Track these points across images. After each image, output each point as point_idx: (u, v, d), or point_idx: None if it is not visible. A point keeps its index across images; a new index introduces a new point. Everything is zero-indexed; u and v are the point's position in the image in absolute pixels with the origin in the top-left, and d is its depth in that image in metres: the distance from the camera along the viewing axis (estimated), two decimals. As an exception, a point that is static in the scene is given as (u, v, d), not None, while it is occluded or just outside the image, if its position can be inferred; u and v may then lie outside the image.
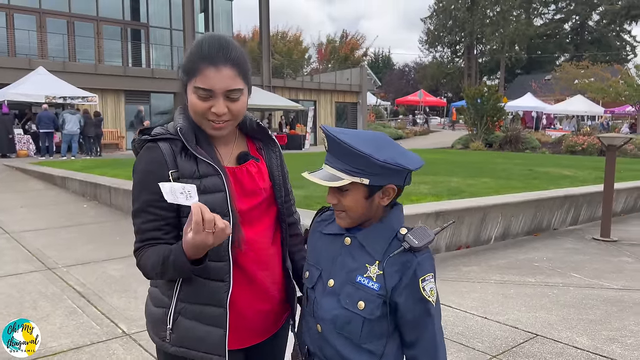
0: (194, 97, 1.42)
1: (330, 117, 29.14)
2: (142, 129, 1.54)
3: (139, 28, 26.37)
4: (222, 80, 1.40)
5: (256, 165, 1.58)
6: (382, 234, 1.39)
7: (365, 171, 1.31)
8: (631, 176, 10.11)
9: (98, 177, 10.00)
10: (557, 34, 59.06)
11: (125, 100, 21.55)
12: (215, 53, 1.40)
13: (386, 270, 1.35)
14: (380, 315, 1.36)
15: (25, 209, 8.37)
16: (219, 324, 1.44)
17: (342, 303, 1.39)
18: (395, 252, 1.34)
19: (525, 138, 22.05)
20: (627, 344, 3.47)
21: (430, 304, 1.36)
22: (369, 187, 1.33)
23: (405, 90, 52.85)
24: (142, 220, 1.44)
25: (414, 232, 1.36)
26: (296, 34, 52.77)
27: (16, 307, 4.09)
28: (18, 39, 21.91)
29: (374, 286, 1.35)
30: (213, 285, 1.44)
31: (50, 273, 5.00)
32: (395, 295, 1.35)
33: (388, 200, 1.38)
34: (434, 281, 1.37)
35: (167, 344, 1.48)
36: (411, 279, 1.33)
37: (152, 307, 1.54)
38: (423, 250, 1.35)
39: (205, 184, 1.42)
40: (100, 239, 6.45)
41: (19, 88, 17.16)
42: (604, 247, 6.32)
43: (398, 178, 1.35)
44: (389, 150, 1.33)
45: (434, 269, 1.39)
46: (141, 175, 1.45)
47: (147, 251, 1.44)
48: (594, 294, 4.50)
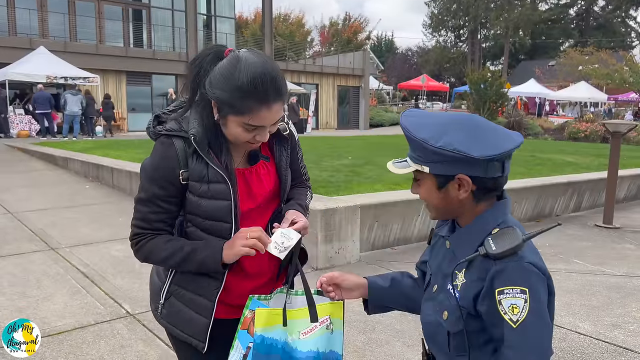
0: (240, 130, 1.41)
1: (332, 100, 28.99)
2: (157, 115, 1.56)
3: (141, 8, 26.09)
4: (273, 117, 1.41)
5: (266, 166, 1.59)
6: (471, 236, 1.22)
7: (423, 158, 1.19)
8: (634, 163, 10.08)
9: (100, 157, 9.99)
10: (562, 19, 58.53)
11: (127, 82, 21.43)
12: (270, 93, 1.36)
13: (467, 278, 1.20)
14: (467, 329, 1.20)
15: (28, 189, 8.37)
16: (205, 315, 1.52)
17: (434, 310, 1.30)
18: (468, 258, 1.19)
19: (528, 124, 21.98)
20: (630, 329, 3.48)
21: (508, 325, 1.10)
22: (437, 177, 1.20)
23: (408, 75, 52.52)
24: (149, 210, 1.48)
25: (498, 235, 1.16)
26: (298, 16, 52.36)
27: (21, 287, 4.11)
28: (19, 17, 21.69)
29: (457, 295, 1.21)
30: (206, 281, 1.52)
31: (53, 253, 5.01)
32: (478, 305, 1.18)
33: (466, 193, 1.19)
34: (522, 297, 1.10)
35: (158, 314, 1.61)
36: (487, 290, 1.15)
37: (155, 277, 1.65)
38: (506, 258, 1.13)
39: (213, 189, 1.45)
40: (103, 219, 6.45)
41: (19, 67, 17.04)
42: (606, 233, 6.33)
43: (468, 167, 1.15)
44: (454, 134, 1.16)
45: (530, 282, 1.11)
46: (153, 169, 1.47)
47: (154, 239, 1.49)
48: (597, 281, 4.51)
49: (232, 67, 1.36)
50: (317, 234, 4.65)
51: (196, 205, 1.47)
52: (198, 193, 1.46)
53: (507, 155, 1.17)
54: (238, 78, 1.34)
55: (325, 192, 6.01)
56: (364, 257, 5.08)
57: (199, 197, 1.46)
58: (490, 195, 1.23)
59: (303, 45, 46.91)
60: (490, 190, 1.22)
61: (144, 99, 21.43)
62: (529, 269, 1.12)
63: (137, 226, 1.51)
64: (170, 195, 1.47)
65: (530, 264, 1.13)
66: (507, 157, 1.19)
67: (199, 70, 1.42)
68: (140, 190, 1.50)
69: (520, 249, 1.13)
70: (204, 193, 1.45)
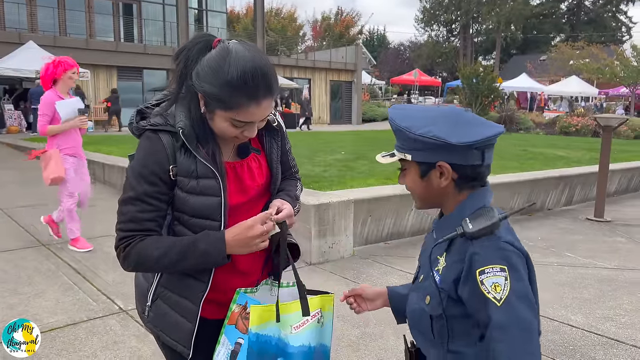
0: (227, 125, 1.36)
1: (324, 95, 28.94)
2: (139, 110, 1.49)
3: (131, 2, 25.85)
4: (262, 113, 1.36)
5: (257, 159, 1.55)
6: (452, 222, 1.23)
7: (406, 146, 1.24)
8: (625, 157, 10.16)
9: (92, 153, 9.89)
10: (553, 13, 58.68)
11: (118, 77, 21.26)
12: (260, 89, 1.31)
13: (447, 261, 1.22)
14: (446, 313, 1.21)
15: (17, 185, 8.29)
16: (190, 319, 1.46)
17: (419, 297, 1.31)
18: (446, 237, 1.20)
19: (520, 119, 22.07)
20: (621, 322, 3.51)
21: (492, 303, 1.10)
22: (419, 165, 1.24)
23: (400, 70, 52.52)
24: (139, 209, 1.39)
25: (476, 215, 1.18)
26: (290, 10, 52.14)
27: (12, 284, 4.07)
28: (7, 12, 21.44)
29: (437, 279, 1.22)
30: (192, 283, 1.46)
31: (44, 249, 4.97)
32: (459, 289, 1.18)
33: (446, 181, 1.22)
34: (503, 275, 1.10)
35: (145, 317, 1.56)
36: (467, 271, 1.15)
37: (142, 278, 1.59)
38: (483, 236, 1.14)
39: (202, 185, 1.39)
40: (95, 215, 6.40)
41: (8, 62, 16.85)
42: (597, 227, 6.37)
43: (448, 154, 1.18)
44: (437, 123, 1.20)
45: (509, 260, 1.12)
46: (141, 165, 1.40)
47: (144, 239, 1.40)
48: (589, 274, 4.54)
49: (221, 59, 1.30)
50: (310, 229, 4.64)
51: (184, 202, 1.41)
52: (186, 189, 1.40)
53: (485, 144, 1.18)
54: (227, 72, 1.28)
55: (319, 187, 6.00)
56: (358, 251, 5.09)
57: (187, 193, 1.40)
58: (471, 185, 1.24)
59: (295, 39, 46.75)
60: (471, 179, 1.23)
61: (135, 94, 21.26)
62: (506, 248, 1.14)
63: (123, 229, 1.41)
64: (160, 192, 1.40)
65: (507, 242, 1.14)
66: (487, 147, 1.20)
67: (186, 61, 1.35)
68: (127, 189, 1.42)
69: (496, 228, 1.14)
70: (193, 189, 1.39)
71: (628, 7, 56.82)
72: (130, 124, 1.47)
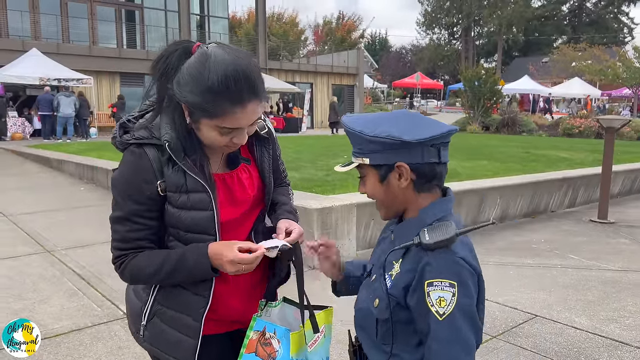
0: (215, 133, 1.30)
1: (327, 99, 28.94)
2: (122, 123, 1.42)
3: (134, 9, 25.99)
4: (249, 117, 1.30)
5: (247, 169, 1.49)
6: (410, 229, 1.23)
7: (364, 150, 1.23)
8: (628, 158, 10.13)
9: (95, 159, 9.95)
10: (554, 15, 58.68)
11: (121, 83, 21.35)
12: (244, 92, 1.25)
13: (401, 268, 1.22)
14: (393, 318, 1.22)
15: (22, 191, 8.33)
16: (192, 336, 1.42)
17: (367, 297, 1.32)
18: (402, 245, 1.20)
19: (522, 121, 22.04)
20: (626, 324, 3.50)
21: (433, 316, 1.12)
22: (378, 169, 1.23)
23: (402, 73, 52.57)
24: (128, 229, 1.37)
25: (434, 227, 1.17)
26: (292, 15, 52.30)
27: (17, 290, 4.09)
28: (11, 19, 21.56)
29: (389, 284, 1.23)
30: (191, 299, 1.41)
31: (49, 255, 4.99)
32: (408, 297, 1.19)
33: (406, 181, 1.21)
34: (451, 291, 1.11)
35: (140, 337, 1.49)
36: (418, 281, 1.16)
37: (133, 296, 1.53)
38: (439, 249, 1.14)
39: (193, 199, 1.34)
40: (99, 221, 6.42)
41: (12, 70, 16.97)
42: (601, 229, 6.36)
43: (405, 154, 1.18)
44: (390, 124, 1.20)
45: (459, 277, 1.13)
46: (126, 183, 1.36)
47: (136, 256, 1.38)
48: (592, 275, 4.53)
49: (200, 65, 1.24)
50: (313, 233, 4.65)
51: (176, 218, 1.36)
52: (177, 204, 1.34)
53: (440, 141, 1.20)
54: (208, 78, 1.23)
55: (322, 191, 6.01)
56: (361, 255, 5.09)
57: (178, 208, 1.35)
58: (430, 186, 1.24)
59: (297, 44, 46.88)
60: (429, 179, 1.23)
61: (138, 100, 21.20)
62: (459, 264, 1.14)
63: (116, 248, 1.40)
64: (149, 209, 1.35)
65: (462, 259, 1.15)
66: (443, 144, 1.21)
67: (165, 69, 1.30)
68: (114, 208, 1.37)
69: (452, 243, 1.14)
70: (183, 204, 1.34)
71: (630, 8, 56.92)
72: (114, 137, 1.41)
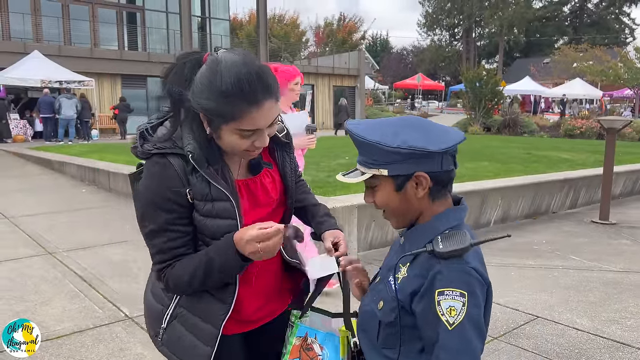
0: (236, 138, 1.30)
1: (328, 101, 28.98)
2: (141, 133, 1.40)
3: (135, 11, 26.05)
4: (267, 117, 1.30)
5: (270, 174, 1.51)
6: (423, 234, 1.23)
7: (380, 161, 1.19)
8: (629, 159, 10.12)
9: (97, 161, 9.97)
10: (556, 16, 58.62)
11: (122, 85, 21.38)
12: (258, 92, 1.26)
13: (409, 272, 1.21)
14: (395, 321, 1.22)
15: (24, 193, 8.35)
16: (209, 343, 1.41)
17: (372, 299, 1.31)
18: (414, 252, 1.19)
19: (524, 122, 22.04)
20: (627, 325, 3.50)
21: (444, 325, 1.11)
22: (394, 178, 1.20)
23: (404, 74, 52.56)
24: (165, 239, 1.36)
25: (448, 236, 1.17)
26: (293, 17, 52.32)
27: (19, 291, 4.10)
28: (12, 22, 21.62)
29: (396, 287, 1.22)
30: (213, 305, 1.42)
31: (50, 257, 5.00)
32: (414, 303, 1.18)
33: (424, 190, 1.20)
34: (461, 300, 1.11)
35: (159, 340, 1.49)
36: (427, 288, 1.15)
37: (153, 300, 1.53)
38: (452, 258, 1.14)
39: (217, 208, 1.35)
40: (100, 223, 6.44)
41: (14, 72, 17.00)
42: (602, 229, 6.35)
43: (425, 163, 1.17)
44: (407, 133, 1.17)
45: (470, 287, 1.13)
46: (154, 194, 1.34)
47: (174, 267, 1.37)
48: (594, 276, 4.52)
49: (212, 72, 1.25)
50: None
51: (202, 225, 1.37)
52: (202, 212, 1.35)
53: (456, 148, 1.20)
54: (221, 83, 1.24)
55: (323, 193, 6.02)
56: (362, 256, 5.09)
57: (204, 216, 1.36)
58: (443, 193, 1.24)
59: (298, 46, 46.92)
60: (443, 186, 1.23)
61: (139, 102, 21.34)
62: (471, 274, 1.14)
63: (157, 262, 1.39)
64: (180, 216, 1.35)
65: (473, 269, 1.15)
66: (456, 150, 1.22)
67: (179, 81, 1.30)
68: (145, 221, 1.36)
69: (465, 252, 1.14)
70: (209, 212, 1.35)
71: (631, 9, 56.80)
72: (134, 147, 1.40)
